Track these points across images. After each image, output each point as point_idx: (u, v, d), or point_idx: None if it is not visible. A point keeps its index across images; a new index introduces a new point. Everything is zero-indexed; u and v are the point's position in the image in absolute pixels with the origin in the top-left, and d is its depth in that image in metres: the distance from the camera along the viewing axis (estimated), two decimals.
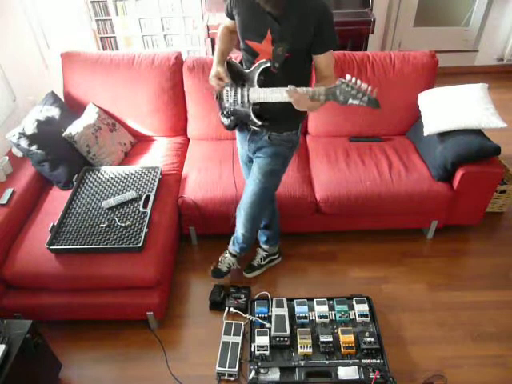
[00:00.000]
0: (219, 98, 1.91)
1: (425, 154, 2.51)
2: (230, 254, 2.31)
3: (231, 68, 1.82)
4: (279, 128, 1.84)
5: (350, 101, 1.47)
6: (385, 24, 4.16)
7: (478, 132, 2.36)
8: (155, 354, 2.06)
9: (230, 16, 1.78)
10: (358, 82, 1.44)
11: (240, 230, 2.15)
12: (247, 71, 1.73)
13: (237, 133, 2.02)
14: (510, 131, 2.47)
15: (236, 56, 1.89)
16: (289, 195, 2.34)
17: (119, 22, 3.97)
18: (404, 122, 2.72)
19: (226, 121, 1.92)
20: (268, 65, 1.64)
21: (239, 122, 1.89)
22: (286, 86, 1.58)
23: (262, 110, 1.76)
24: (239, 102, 1.79)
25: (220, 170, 2.47)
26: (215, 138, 2.76)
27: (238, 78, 1.78)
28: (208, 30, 3.54)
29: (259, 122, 1.76)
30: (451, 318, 2.18)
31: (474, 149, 2.26)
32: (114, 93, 2.63)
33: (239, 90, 1.78)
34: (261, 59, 1.67)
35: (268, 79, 1.68)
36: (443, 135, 2.39)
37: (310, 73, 1.78)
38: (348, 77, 1.46)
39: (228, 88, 1.81)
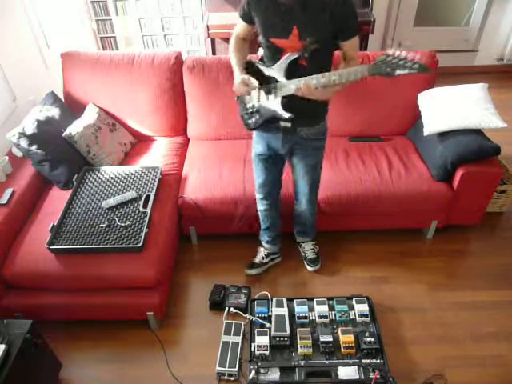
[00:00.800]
0: (240, 98, 1.91)
1: (425, 154, 2.51)
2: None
3: (253, 67, 1.83)
4: (310, 122, 1.86)
5: (398, 71, 1.47)
6: (385, 24, 4.16)
7: (477, 132, 2.36)
8: (155, 354, 2.06)
9: (247, 19, 1.77)
10: (403, 53, 1.45)
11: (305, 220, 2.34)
12: (272, 67, 1.74)
13: (257, 132, 2.00)
14: (510, 131, 2.48)
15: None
16: (289, 195, 2.34)
17: (119, 22, 3.97)
18: (404, 122, 2.72)
19: (249, 120, 1.91)
20: (296, 56, 1.65)
21: (265, 121, 1.88)
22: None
23: (289, 102, 1.75)
24: (265, 98, 1.79)
25: (220, 170, 2.47)
26: (215, 137, 2.76)
27: (261, 75, 1.78)
28: (208, 29, 3.54)
29: (287, 115, 1.75)
30: (451, 318, 2.18)
31: (474, 149, 2.26)
32: (114, 93, 2.63)
33: (264, 87, 1.78)
34: (286, 54, 1.68)
35: (296, 71, 1.69)
36: (443, 135, 2.39)
37: (332, 61, 1.79)
38: (391, 50, 1.47)
39: None
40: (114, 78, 2.61)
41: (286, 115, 1.76)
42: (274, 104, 1.78)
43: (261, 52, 1.84)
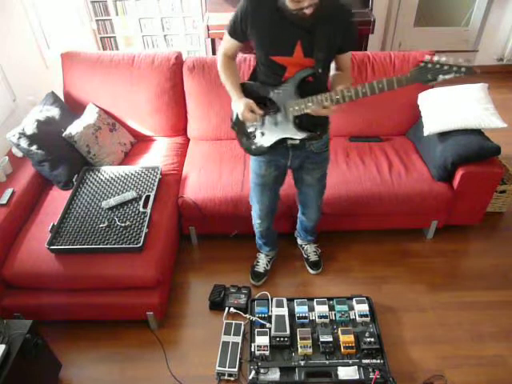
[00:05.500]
0: (238, 126, 1.83)
1: (425, 154, 2.51)
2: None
3: (249, 89, 1.72)
4: (319, 135, 1.79)
5: (441, 77, 1.43)
6: (385, 24, 4.16)
7: (478, 132, 2.36)
8: (155, 354, 2.06)
9: (240, 36, 1.64)
10: (443, 58, 1.41)
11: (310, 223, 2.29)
12: (277, 86, 1.64)
13: (261, 157, 1.90)
14: (510, 131, 2.47)
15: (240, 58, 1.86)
16: (288, 195, 2.33)
17: (119, 22, 3.98)
18: (404, 122, 2.72)
19: (254, 146, 1.83)
20: (310, 72, 1.58)
21: (272, 144, 1.79)
22: (322, 91, 1.58)
23: (301, 120, 1.69)
24: (275, 120, 1.71)
25: (220, 170, 2.47)
26: (215, 137, 2.76)
27: (260, 97, 1.69)
28: (208, 29, 3.54)
29: (304, 135, 1.69)
30: (451, 317, 2.18)
31: (474, 149, 2.26)
32: (114, 93, 2.63)
33: (272, 110, 1.69)
34: (290, 72, 1.60)
35: (303, 88, 1.62)
36: (443, 135, 2.39)
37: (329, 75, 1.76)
38: (428, 57, 1.43)
39: None
40: (113, 78, 2.61)
41: (303, 136, 1.70)
42: (284, 125, 1.70)
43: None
